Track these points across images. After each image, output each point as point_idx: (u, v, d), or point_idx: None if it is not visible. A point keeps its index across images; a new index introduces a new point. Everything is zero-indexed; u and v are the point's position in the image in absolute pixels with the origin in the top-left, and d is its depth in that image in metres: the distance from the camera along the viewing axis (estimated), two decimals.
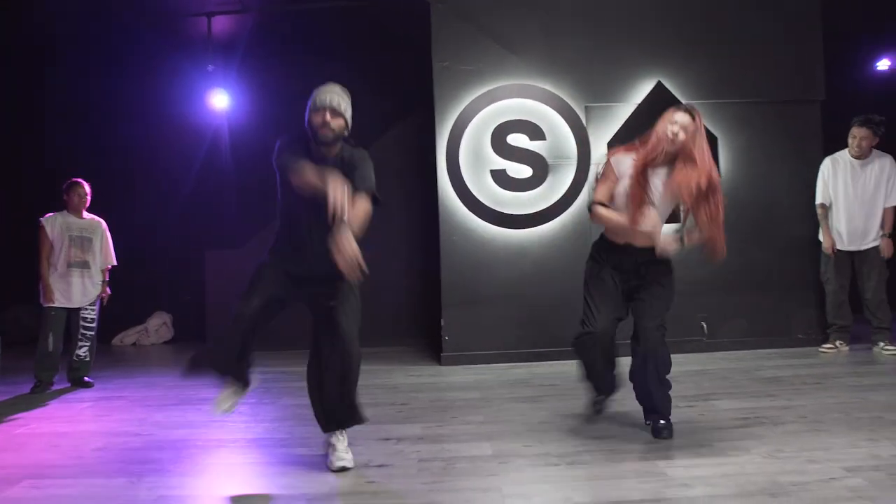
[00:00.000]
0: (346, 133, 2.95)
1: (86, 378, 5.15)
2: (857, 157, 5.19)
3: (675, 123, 3.09)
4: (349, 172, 2.86)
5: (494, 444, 3.22)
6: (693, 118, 3.10)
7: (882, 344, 5.14)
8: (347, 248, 2.54)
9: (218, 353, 3.11)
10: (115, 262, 5.33)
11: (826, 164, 5.31)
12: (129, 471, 3.04)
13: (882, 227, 5.17)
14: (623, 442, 3.17)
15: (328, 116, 2.84)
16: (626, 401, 3.56)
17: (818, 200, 5.34)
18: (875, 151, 5.21)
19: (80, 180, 5.14)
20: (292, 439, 3.50)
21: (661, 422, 3.19)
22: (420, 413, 3.92)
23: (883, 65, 7.25)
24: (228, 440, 3.52)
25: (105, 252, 5.26)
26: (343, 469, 2.88)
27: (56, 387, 5.01)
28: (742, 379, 4.47)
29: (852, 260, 5.28)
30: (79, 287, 5.07)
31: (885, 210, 5.17)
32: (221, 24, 6.23)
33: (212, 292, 6.87)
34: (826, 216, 5.33)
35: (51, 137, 7.44)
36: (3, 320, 7.23)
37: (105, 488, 2.83)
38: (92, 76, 7.11)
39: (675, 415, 3.32)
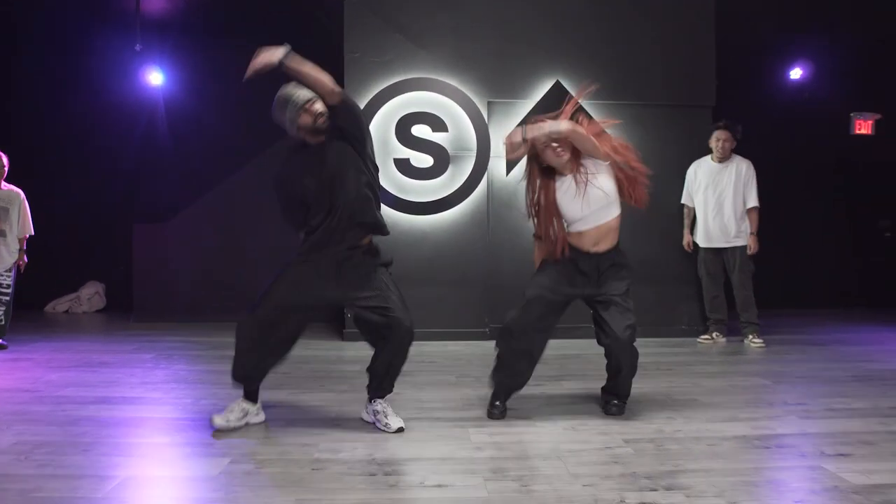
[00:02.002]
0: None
1: (1, 341, 5.40)
2: (720, 159, 5.58)
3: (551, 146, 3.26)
4: (346, 130, 3.12)
5: (341, 408, 3.56)
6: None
7: (751, 337, 5.55)
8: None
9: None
10: (32, 233, 5.53)
11: (691, 169, 5.74)
12: (2, 420, 3.33)
13: (750, 226, 5.56)
14: (454, 411, 3.52)
15: (315, 106, 3.05)
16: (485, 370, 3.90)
17: (682, 201, 5.77)
18: (736, 157, 5.60)
19: None
20: (167, 399, 3.79)
21: (615, 401, 3.46)
22: (294, 381, 4.23)
23: (795, 73, 7.61)
24: (109, 397, 3.80)
25: (23, 222, 5.46)
26: (400, 429, 3.13)
27: None
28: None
29: (722, 258, 5.67)
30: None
31: (748, 211, 5.56)
32: (152, 3, 6.42)
33: (140, 265, 7.10)
34: (689, 215, 5.75)
35: None
36: None
37: None
38: (24, 50, 7.27)
39: (523, 390, 3.59)
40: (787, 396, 3.84)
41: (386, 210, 5.68)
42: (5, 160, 5.33)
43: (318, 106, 3.06)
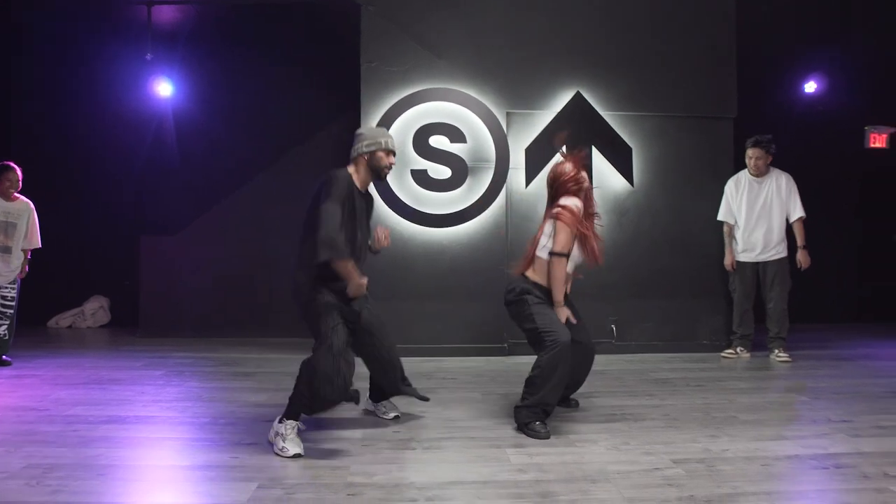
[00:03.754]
0: None
1: (4, 357, 5.22)
2: (756, 176, 5.46)
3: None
4: (369, 206, 3.48)
5: (367, 429, 3.39)
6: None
7: (776, 352, 5.40)
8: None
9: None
10: (39, 245, 5.39)
11: (729, 185, 5.59)
12: (11, 441, 3.16)
13: (797, 242, 5.42)
14: (486, 430, 3.35)
15: (393, 158, 3.41)
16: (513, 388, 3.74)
17: (719, 218, 5.62)
18: (774, 170, 5.48)
19: (12, 164, 5.19)
20: (183, 418, 3.62)
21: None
22: None
23: (810, 87, 7.52)
24: (122, 417, 3.63)
25: (30, 235, 5.31)
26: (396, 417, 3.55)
27: None
28: (633, 380, 4.68)
29: (757, 271, 5.53)
30: (3, 275, 5.16)
31: (793, 225, 5.44)
32: (163, 15, 6.32)
33: (146, 278, 6.94)
34: (730, 233, 5.60)
35: None
36: None
37: None
38: (34, 59, 7.16)
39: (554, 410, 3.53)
40: (829, 413, 3.68)
41: (403, 222, 5.59)
42: (19, 172, 5.21)
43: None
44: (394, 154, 3.40)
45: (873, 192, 7.88)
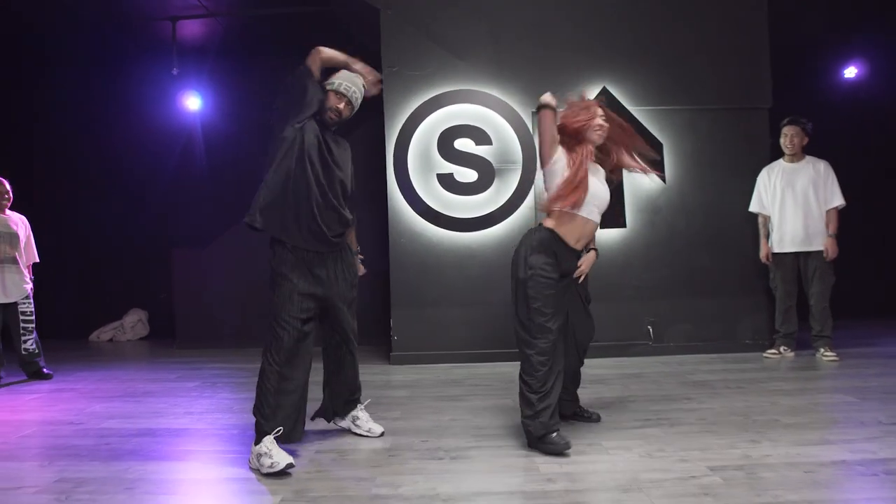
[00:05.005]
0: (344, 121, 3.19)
1: (45, 370, 5.32)
2: (791, 156, 5.26)
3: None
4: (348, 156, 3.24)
5: (395, 438, 3.34)
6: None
7: (822, 350, 5.18)
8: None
9: None
10: (37, 260, 5.43)
11: (762, 174, 5.38)
12: (46, 455, 3.21)
13: (827, 229, 5.21)
14: (516, 437, 3.26)
15: (343, 105, 3.11)
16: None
17: (751, 209, 5.42)
18: (810, 157, 5.27)
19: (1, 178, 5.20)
20: (212, 430, 3.63)
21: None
22: None
23: (850, 72, 7.26)
24: (154, 430, 3.66)
25: (28, 252, 5.35)
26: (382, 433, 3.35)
27: (12, 378, 5.20)
28: (670, 382, 4.54)
29: (798, 265, 5.32)
30: (11, 281, 5.16)
31: (828, 213, 5.22)
32: (188, 29, 6.40)
33: (180, 290, 7.03)
34: (765, 225, 5.39)
35: (21, 139, 7.64)
36: None
37: (15, 471, 2.99)
38: (62, 75, 7.32)
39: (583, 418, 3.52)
40: (879, 415, 3.49)
41: (430, 227, 5.54)
42: (8, 186, 5.19)
43: (346, 111, 3.19)
44: (347, 101, 3.11)
45: None
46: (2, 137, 7.69)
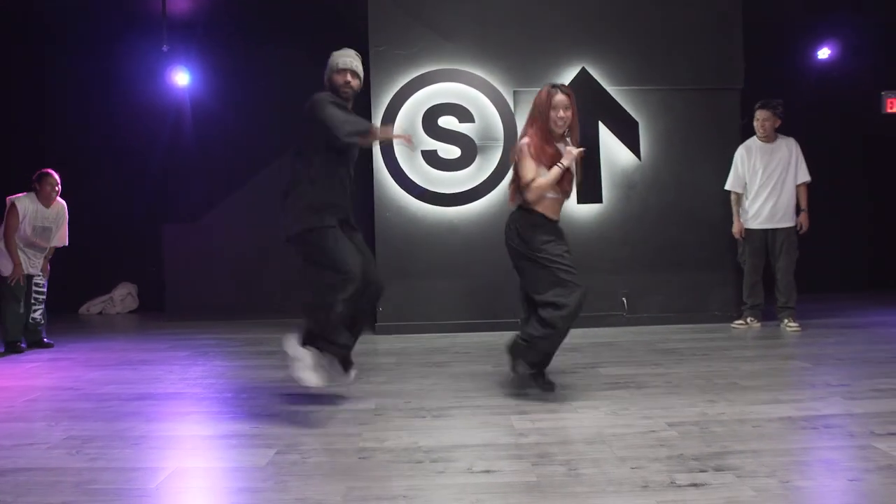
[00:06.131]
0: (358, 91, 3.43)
1: (45, 339, 5.54)
2: (764, 139, 5.50)
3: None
4: None
5: (381, 399, 3.58)
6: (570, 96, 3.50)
7: (786, 321, 5.47)
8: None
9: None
10: (66, 244, 5.65)
11: (740, 152, 5.61)
12: (51, 416, 3.41)
13: (798, 206, 5.48)
14: (493, 398, 3.52)
15: (349, 77, 3.34)
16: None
17: (727, 186, 5.65)
18: (781, 136, 5.51)
19: (51, 171, 5.37)
20: (207, 394, 3.84)
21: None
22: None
23: (823, 53, 7.48)
24: (152, 394, 3.86)
25: (61, 234, 5.58)
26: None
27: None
28: (641, 350, 4.81)
29: (766, 239, 5.58)
30: (36, 258, 5.46)
31: (798, 188, 5.48)
32: (178, 5, 6.49)
33: (170, 264, 7.19)
34: (738, 201, 5.64)
35: (10, 115, 7.70)
36: None
37: (25, 430, 3.19)
38: (51, 52, 7.37)
39: (559, 379, 3.75)
40: (829, 378, 3.78)
41: (414, 202, 5.74)
42: (58, 178, 5.41)
43: (355, 81, 3.39)
44: (351, 73, 3.33)
45: (890, 157, 7.83)
46: None
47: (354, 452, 2.74)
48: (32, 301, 5.45)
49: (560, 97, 3.50)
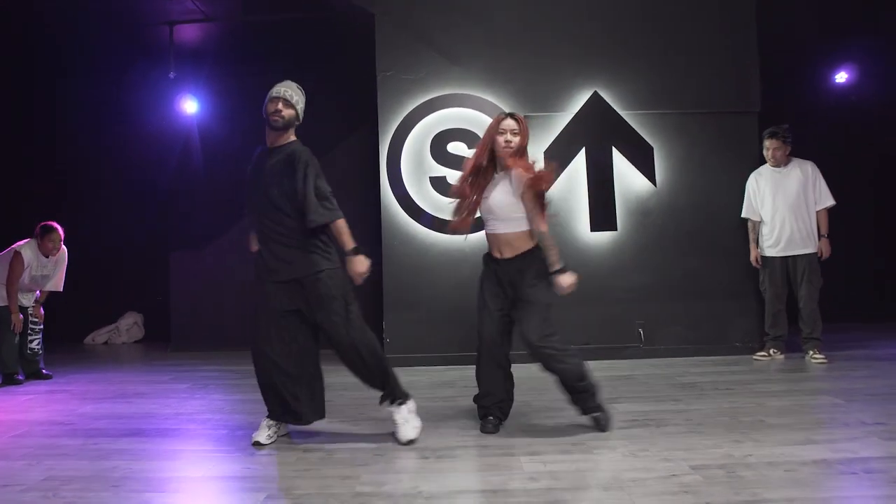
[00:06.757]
0: (296, 123, 3.34)
1: (44, 370, 5.41)
2: (776, 167, 5.30)
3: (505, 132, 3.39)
4: (292, 164, 3.21)
5: (382, 438, 3.36)
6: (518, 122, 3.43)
7: (811, 353, 5.21)
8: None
9: None
10: (60, 290, 5.58)
11: (751, 180, 5.43)
12: (34, 455, 3.23)
13: (818, 231, 5.26)
14: (504, 438, 3.29)
15: (280, 105, 3.26)
16: (524, 396, 3.67)
17: (743, 214, 5.46)
18: (796, 159, 5.32)
19: (55, 225, 5.34)
20: (201, 430, 3.65)
21: (596, 414, 3.39)
22: (334, 410, 4.04)
23: (840, 77, 7.31)
24: (143, 430, 3.68)
25: (56, 280, 5.51)
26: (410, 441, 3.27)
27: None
28: (659, 384, 4.56)
29: (787, 268, 5.35)
30: (27, 294, 5.44)
31: (818, 213, 5.26)
32: (186, 33, 6.45)
33: (176, 294, 7.06)
34: (754, 229, 5.43)
35: (20, 143, 7.68)
36: None
37: (3, 470, 3.01)
38: (59, 79, 7.36)
39: (570, 418, 3.53)
40: (863, 416, 3.52)
41: (423, 231, 5.58)
42: (61, 233, 5.38)
43: (287, 110, 3.27)
44: (283, 101, 3.26)
45: None
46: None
47: (350, 498, 2.53)
48: (29, 332, 5.36)
49: (509, 121, 3.44)
